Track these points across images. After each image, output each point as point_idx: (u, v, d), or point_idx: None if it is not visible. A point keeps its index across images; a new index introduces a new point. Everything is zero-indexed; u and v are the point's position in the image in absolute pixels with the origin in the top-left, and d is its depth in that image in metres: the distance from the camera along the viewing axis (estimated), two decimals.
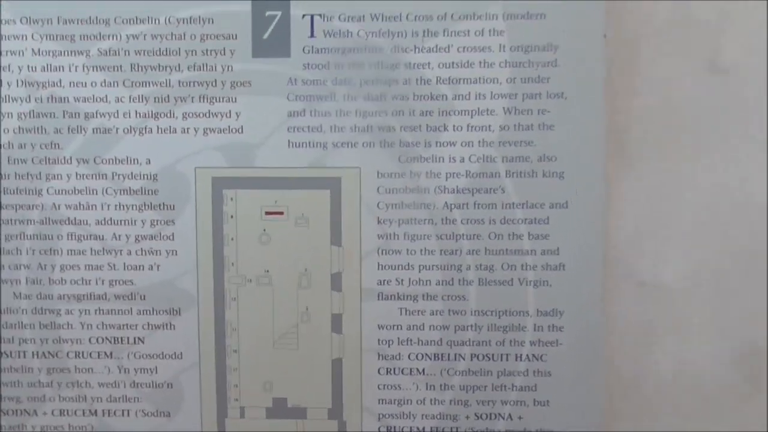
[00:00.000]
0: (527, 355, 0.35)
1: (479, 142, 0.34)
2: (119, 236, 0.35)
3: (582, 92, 0.34)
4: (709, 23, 0.33)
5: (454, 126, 0.34)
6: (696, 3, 0.33)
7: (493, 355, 0.35)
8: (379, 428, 0.35)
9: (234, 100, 0.34)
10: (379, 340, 0.35)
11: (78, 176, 0.35)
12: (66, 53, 0.34)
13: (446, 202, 0.35)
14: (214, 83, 0.34)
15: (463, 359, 0.35)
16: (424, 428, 0.35)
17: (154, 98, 0.34)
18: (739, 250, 0.34)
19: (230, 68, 0.34)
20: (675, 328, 0.35)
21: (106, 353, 0.35)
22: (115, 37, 0.34)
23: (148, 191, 0.35)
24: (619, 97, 0.34)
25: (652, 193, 0.35)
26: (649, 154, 0.34)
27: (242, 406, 0.36)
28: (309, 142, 0.35)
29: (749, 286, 0.34)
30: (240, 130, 0.34)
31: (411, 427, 0.35)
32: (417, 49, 0.34)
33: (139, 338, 0.35)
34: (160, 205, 0.35)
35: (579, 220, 0.34)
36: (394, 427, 0.35)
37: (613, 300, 0.35)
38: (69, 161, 0.34)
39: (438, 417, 0.35)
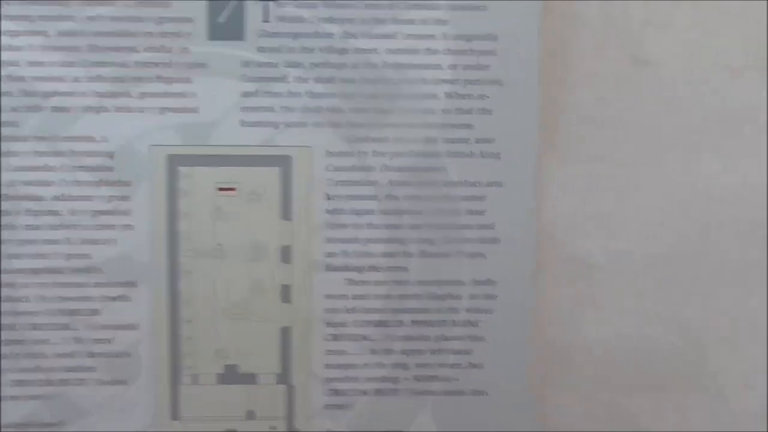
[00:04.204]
0: (463, 321, 0.41)
1: (422, 124, 0.39)
2: (76, 212, 0.39)
3: (518, 80, 0.39)
4: (635, 21, 0.40)
5: (399, 108, 0.39)
6: (623, 2, 0.40)
7: (431, 321, 0.41)
8: (325, 391, 0.41)
9: (190, 81, 0.38)
10: (326, 309, 0.40)
11: (36, 153, 0.38)
12: (24, 33, 0.37)
13: (391, 180, 0.40)
14: (170, 65, 0.38)
15: (404, 326, 0.41)
16: (367, 390, 0.41)
17: (112, 78, 0.38)
18: (661, 231, 0.41)
19: (187, 50, 0.38)
20: (600, 300, 0.41)
21: (62, 325, 0.39)
22: (73, 19, 0.38)
23: (105, 168, 0.38)
24: (553, 85, 0.40)
25: (582, 175, 0.41)
26: (578, 139, 0.40)
27: (195, 374, 0.40)
28: (261, 122, 0.39)
29: (670, 265, 0.41)
30: (195, 110, 0.39)
31: (355, 389, 0.41)
32: (366, 35, 0.39)
33: (95, 310, 0.39)
34: (116, 181, 0.39)
35: (513, 198, 0.40)
36: (339, 390, 0.41)
37: (543, 272, 0.41)
38: (26, 139, 0.38)
39: (380, 380, 0.41)
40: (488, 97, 0.40)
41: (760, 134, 0.39)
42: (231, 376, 0.41)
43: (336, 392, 0.41)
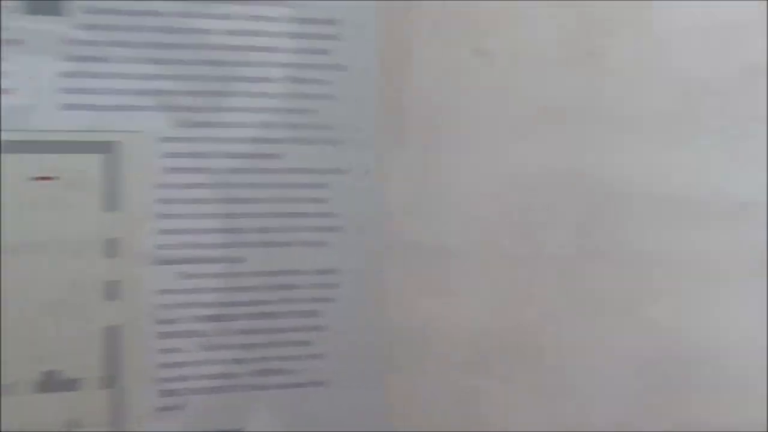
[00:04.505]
0: (303, 311, 0.40)
1: (261, 108, 0.38)
2: None
3: (360, 66, 0.39)
4: (474, 11, 0.41)
5: (237, 92, 0.38)
6: None
7: (270, 313, 0.40)
8: (157, 392, 0.39)
9: (4, 59, 0.35)
10: (157, 305, 0.38)
11: None
12: None
13: (227, 167, 0.38)
14: None
15: (241, 319, 0.40)
16: (202, 389, 0.39)
17: None
18: (501, 217, 0.43)
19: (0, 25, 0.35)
20: (445, 286, 0.42)
21: None
22: None
23: None
24: (394, 72, 0.40)
25: (424, 161, 0.41)
26: (420, 126, 0.41)
27: (8, 382, 0.37)
28: (85, 105, 0.36)
29: (515, 250, 0.43)
30: (9, 92, 0.35)
31: (189, 389, 0.39)
32: (201, 15, 0.37)
33: None
34: None
35: (355, 185, 0.40)
36: (173, 390, 0.39)
37: (388, 259, 0.41)
38: None
39: (216, 377, 0.39)
40: (329, 82, 0.39)
41: (588, 124, 0.41)
42: (50, 382, 0.38)
43: (169, 393, 0.39)
